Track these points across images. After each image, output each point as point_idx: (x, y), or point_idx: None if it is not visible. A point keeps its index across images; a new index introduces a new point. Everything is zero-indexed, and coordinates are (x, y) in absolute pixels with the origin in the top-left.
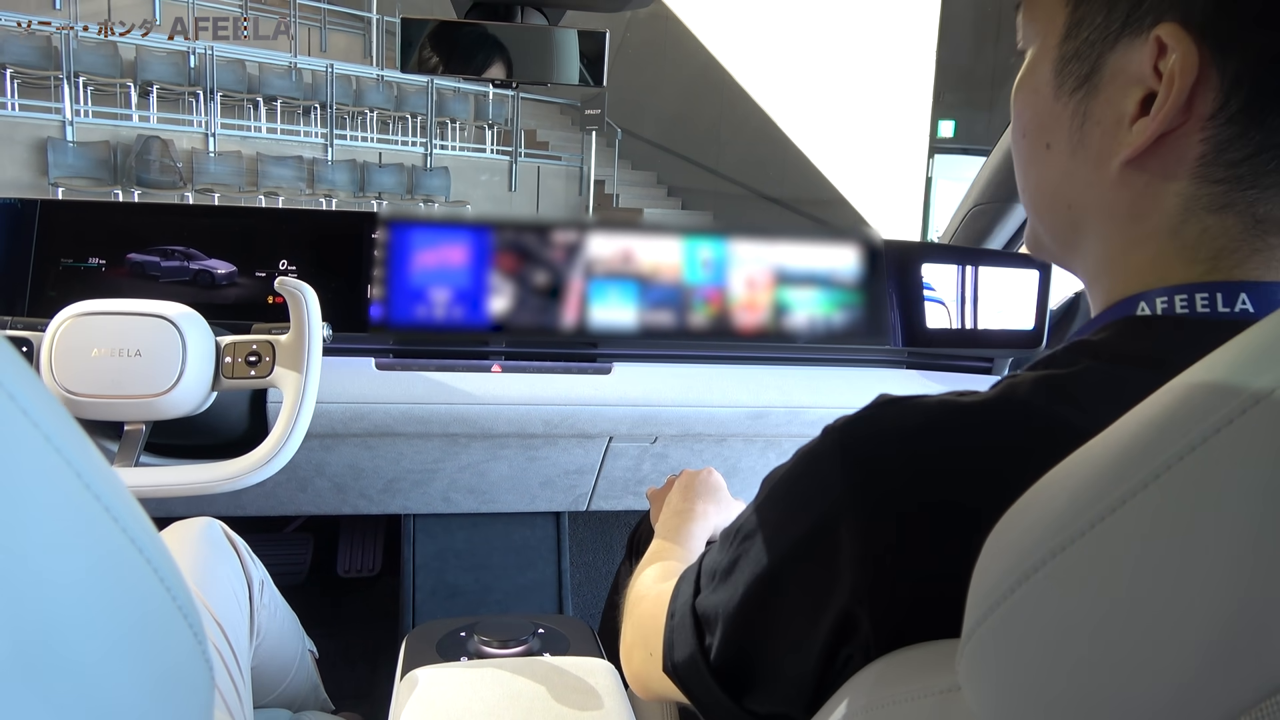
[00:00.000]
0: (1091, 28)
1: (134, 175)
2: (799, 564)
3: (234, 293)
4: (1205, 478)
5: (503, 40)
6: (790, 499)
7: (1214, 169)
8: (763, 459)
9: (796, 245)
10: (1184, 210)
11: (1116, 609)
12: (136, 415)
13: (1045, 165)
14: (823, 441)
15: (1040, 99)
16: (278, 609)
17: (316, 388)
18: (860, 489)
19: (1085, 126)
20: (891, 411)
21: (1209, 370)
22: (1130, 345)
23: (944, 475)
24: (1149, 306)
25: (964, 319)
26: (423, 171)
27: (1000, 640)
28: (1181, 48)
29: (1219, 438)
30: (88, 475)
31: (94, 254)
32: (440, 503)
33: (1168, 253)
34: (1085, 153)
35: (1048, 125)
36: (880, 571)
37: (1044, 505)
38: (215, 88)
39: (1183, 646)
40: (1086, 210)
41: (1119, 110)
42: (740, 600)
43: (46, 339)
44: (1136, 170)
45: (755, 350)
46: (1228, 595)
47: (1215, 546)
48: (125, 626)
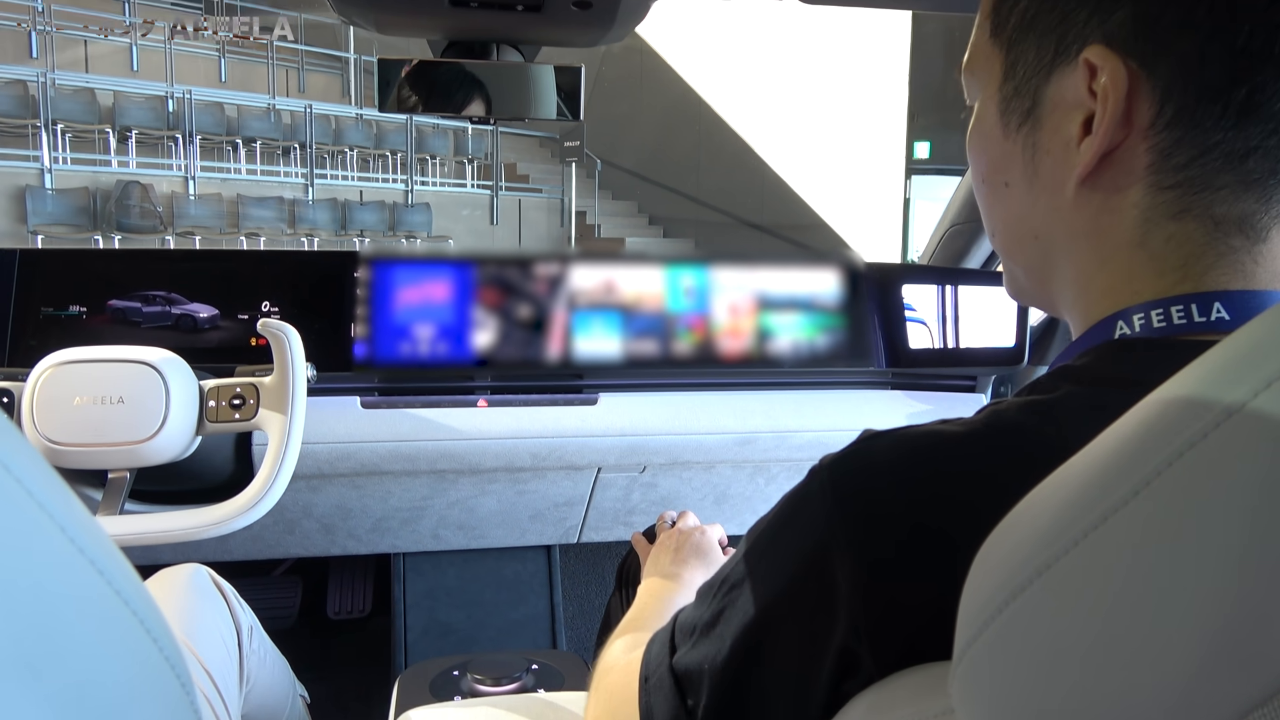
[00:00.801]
0: (1026, 65)
1: (114, 220)
2: (793, 605)
3: (217, 336)
4: (1185, 491)
5: (480, 78)
6: (780, 542)
7: (1163, 175)
8: (751, 484)
9: (777, 270)
10: (1144, 221)
11: (1105, 622)
12: (120, 463)
13: (1008, 203)
14: (810, 481)
15: (991, 141)
16: (267, 654)
17: (302, 429)
18: (852, 521)
19: (1036, 158)
20: (879, 444)
21: (1183, 385)
22: (1111, 368)
23: (936, 502)
24: (1127, 325)
25: (946, 338)
26: (404, 208)
27: (992, 659)
28: (1109, 65)
29: (1195, 452)
30: (71, 528)
31: (74, 301)
32: (430, 540)
33: (1137, 265)
34: (1041, 182)
35: (1002, 164)
36: (878, 604)
37: (1029, 523)
38: (194, 131)
39: (1172, 658)
40: (1053, 237)
41: (1065, 136)
42: (729, 652)
43: (28, 389)
44: (1091, 189)
45: (740, 376)
46: (1212, 607)
47: (1198, 559)
48: (111, 679)
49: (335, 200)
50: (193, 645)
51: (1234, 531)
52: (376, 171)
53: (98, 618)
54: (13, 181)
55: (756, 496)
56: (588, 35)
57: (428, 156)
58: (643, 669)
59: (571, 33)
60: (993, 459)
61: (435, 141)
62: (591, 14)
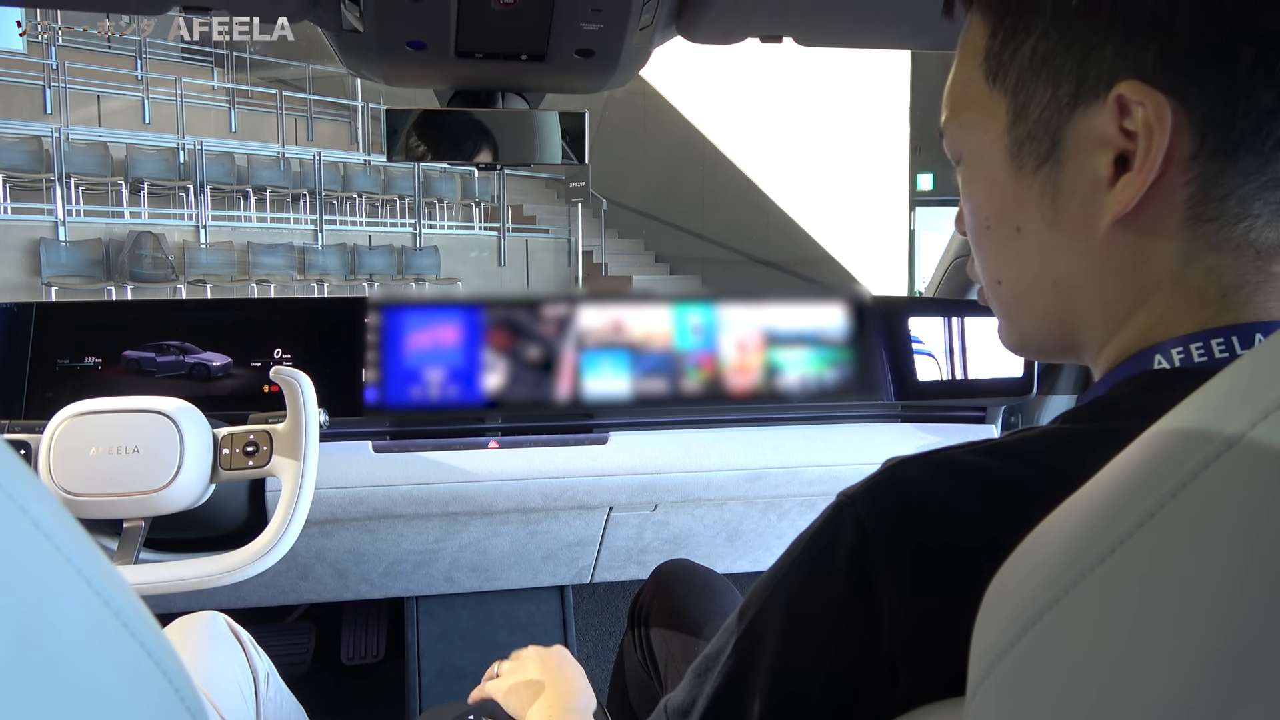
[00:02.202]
0: (1041, 106)
1: (127, 271)
2: (831, 635)
3: (230, 384)
4: (1188, 522)
5: (486, 125)
6: (811, 570)
7: (1205, 208)
8: (764, 520)
9: (784, 306)
10: (1184, 255)
11: (1115, 655)
12: (136, 512)
13: (1020, 249)
14: (838, 506)
15: (999, 186)
16: (284, 701)
17: (315, 474)
18: (891, 542)
19: (1058, 200)
20: (909, 468)
21: (1184, 416)
22: (1145, 400)
23: (966, 525)
24: (1165, 359)
25: (954, 370)
26: (413, 251)
27: (1005, 695)
28: (1149, 100)
29: (1196, 483)
30: (90, 574)
31: (90, 353)
32: (443, 583)
33: (1175, 301)
34: (1064, 224)
35: (1014, 210)
36: (919, 624)
37: (1037, 556)
38: (205, 181)
39: (1180, 688)
40: (1076, 282)
41: (1092, 176)
42: (763, 706)
43: (45, 440)
44: (1125, 228)
45: (750, 412)
46: (1217, 637)
47: (1203, 590)
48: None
49: (344, 245)
50: (210, 693)
51: (1237, 561)
52: (385, 216)
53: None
54: (27, 235)
55: (769, 533)
56: (590, 82)
57: (435, 200)
58: None
59: (575, 80)
60: (1020, 484)
61: (442, 185)
62: (594, 62)
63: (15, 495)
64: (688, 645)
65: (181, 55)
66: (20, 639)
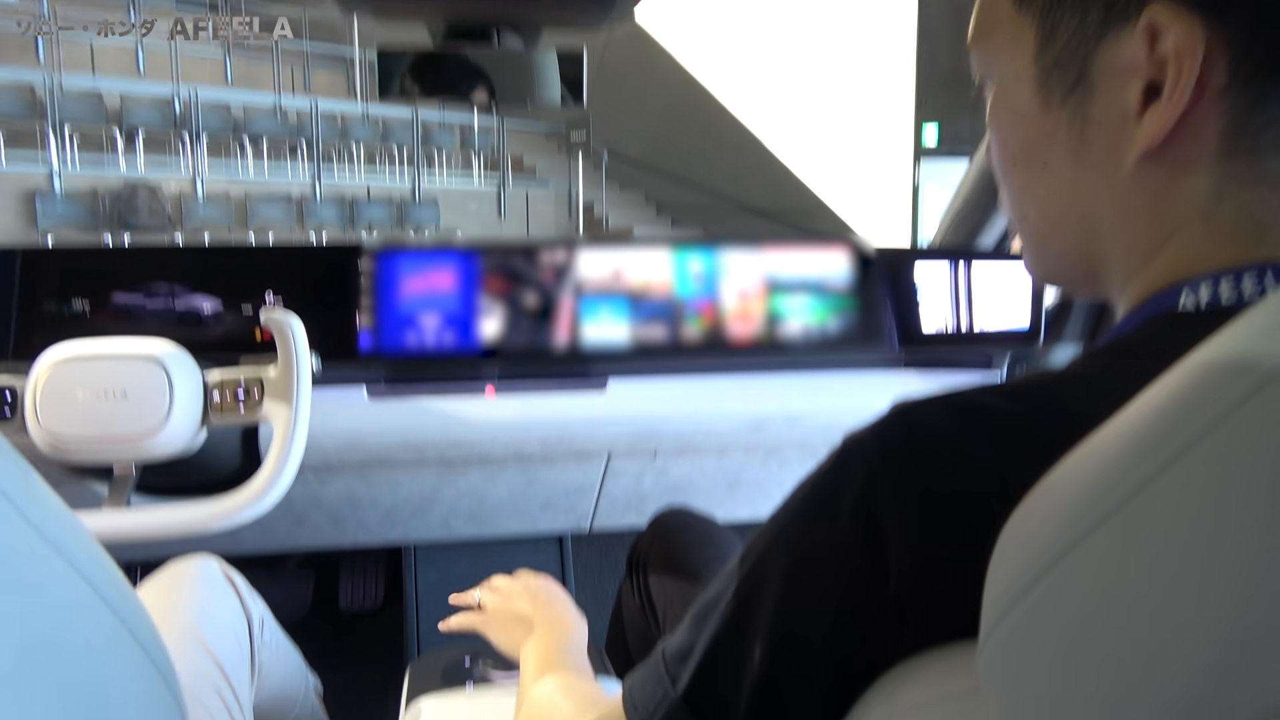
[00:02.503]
0: (1069, 32)
1: (123, 222)
2: (837, 578)
3: (221, 329)
4: (1225, 458)
5: (482, 66)
6: (816, 513)
7: (1239, 140)
8: (765, 469)
9: (787, 253)
10: (1216, 190)
11: (1140, 600)
12: (125, 456)
13: (1046, 184)
14: (844, 450)
15: (1025, 118)
16: (279, 645)
17: (307, 420)
18: (896, 480)
19: (1086, 132)
20: (917, 409)
21: (1224, 347)
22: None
23: (978, 468)
24: (1194, 293)
25: (959, 319)
26: (411, 203)
27: (1020, 639)
28: (1178, 25)
29: (1238, 415)
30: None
31: (78, 297)
32: (440, 531)
33: (1206, 238)
34: (1091, 158)
35: (1041, 143)
36: (927, 565)
37: (1058, 498)
38: (201, 131)
39: (1213, 634)
40: (1102, 217)
41: (1121, 106)
42: (765, 652)
43: (31, 384)
44: (1155, 162)
45: (751, 360)
46: (1256, 582)
47: (1240, 532)
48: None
49: (343, 197)
50: (203, 636)
51: (1269, 506)
52: (383, 167)
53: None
54: (22, 185)
55: (770, 481)
56: (589, 16)
57: (434, 151)
58: (632, 718)
59: (572, 13)
60: (1033, 426)
61: (441, 136)
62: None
63: None
64: (686, 592)
65: (176, 7)
66: None
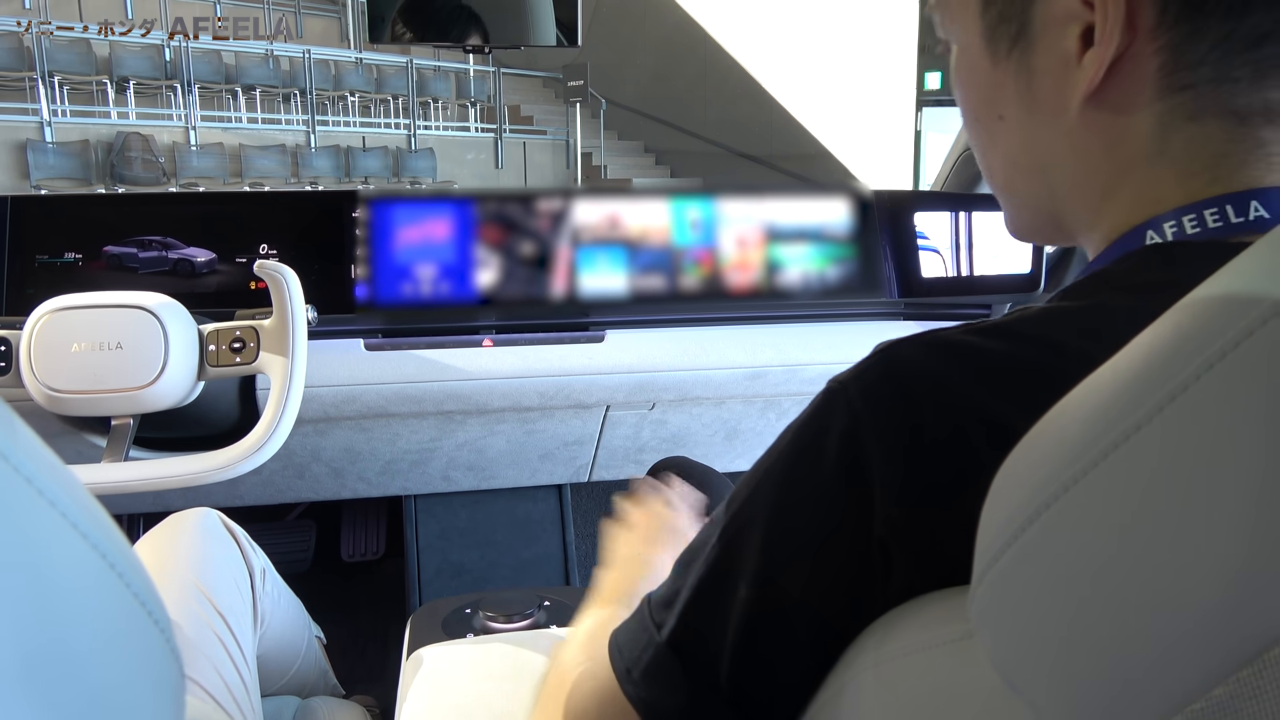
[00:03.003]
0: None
1: (116, 173)
2: (823, 521)
3: (215, 280)
4: (1226, 395)
5: (475, 7)
6: (799, 454)
7: (1177, 75)
8: (763, 419)
9: (786, 201)
10: (1161, 127)
11: (1136, 541)
12: (122, 409)
13: (1005, 137)
14: (827, 393)
15: (979, 74)
16: (281, 596)
17: (304, 371)
18: (880, 420)
19: (1033, 82)
20: (900, 349)
21: (1223, 283)
22: (1147, 274)
23: (965, 407)
24: (1158, 234)
25: (959, 266)
26: (407, 153)
27: (1014, 580)
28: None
29: (1238, 352)
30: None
31: (70, 249)
32: (440, 482)
33: (1160, 175)
34: (1040, 107)
35: (995, 97)
36: (910, 502)
37: (1054, 437)
38: (192, 80)
39: (1208, 579)
40: (1059, 164)
41: (1061, 53)
42: (748, 596)
43: (25, 336)
44: (1098, 105)
45: (749, 310)
46: (1253, 518)
47: (1238, 469)
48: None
49: (338, 147)
50: (205, 588)
51: (1269, 443)
52: (378, 117)
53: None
54: (13, 136)
55: (768, 431)
56: None
57: (430, 100)
58: (618, 664)
59: None
60: (1019, 361)
61: (437, 84)
62: None
63: None
64: None
65: None
66: None
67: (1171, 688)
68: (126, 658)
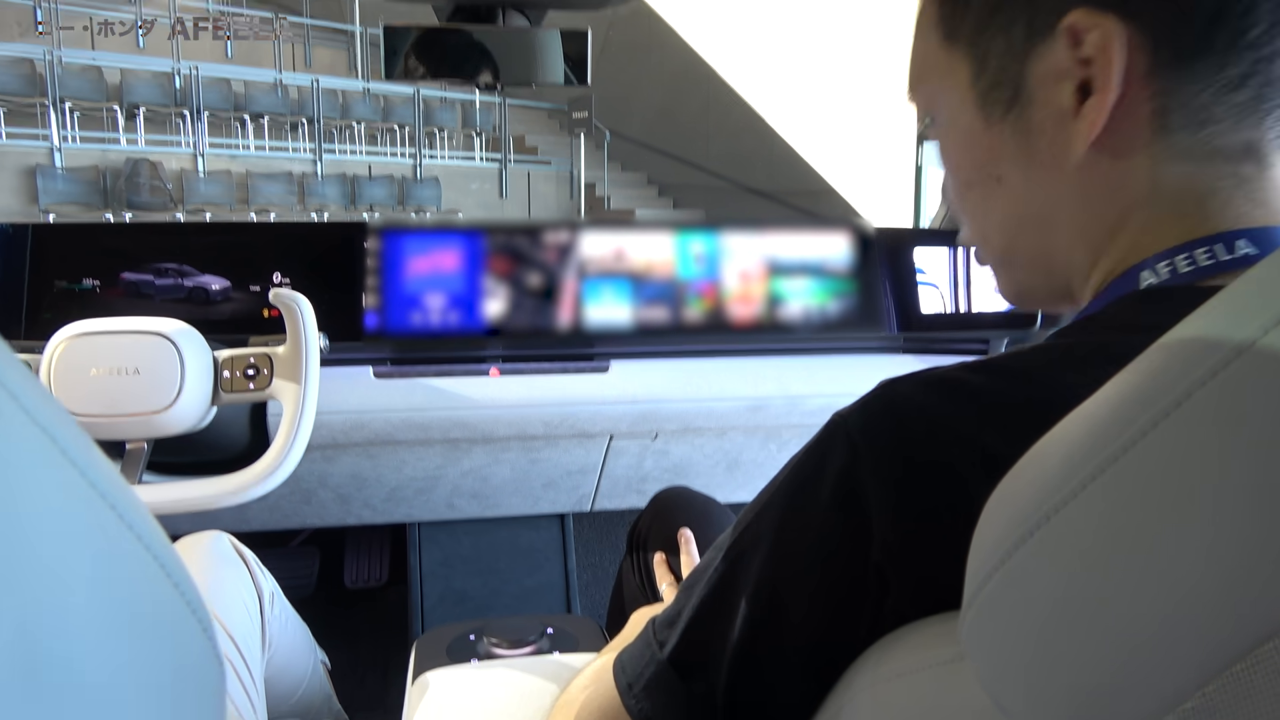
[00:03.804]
0: (998, 55)
1: (124, 198)
2: (821, 547)
3: (229, 307)
4: (1194, 432)
5: (486, 45)
6: (801, 486)
7: (1169, 118)
8: (764, 450)
9: (788, 236)
10: (1155, 170)
11: (1115, 566)
12: (138, 433)
13: (1004, 198)
14: (830, 427)
15: (973, 140)
16: (289, 620)
17: (316, 398)
18: (879, 455)
19: (1030, 139)
20: (901, 387)
21: (1192, 326)
22: (1139, 316)
23: (959, 442)
24: (1153, 274)
25: (958, 302)
26: (413, 182)
27: (1001, 605)
28: (1099, 24)
29: (1204, 391)
30: (91, 473)
31: (88, 275)
32: (444, 509)
33: (1157, 216)
34: (1039, 162)
35: (989, 160)
36: (906, 534)
37: (1039, 467)
38: (201, 107)
39: (1182, 600)
40: (1059, 216)
41: (1058, 109)
42: (746, 617)
43: (44, 361)
44: (1098, 151)
45: (752, 342)
46: (1222, 547)
47: (1208, 500)
48: (133, 622)
49: (344, 175)
50: (215, 610)
51: (1245, 470)
52: (385, 145)
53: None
54: (23, 161)
55: (769, 463)
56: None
57: (436, 130)
58: (621, 680)
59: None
60: (1012, 399)
61: (443, 114)
62: None
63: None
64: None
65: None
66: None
67: (1152, 707)
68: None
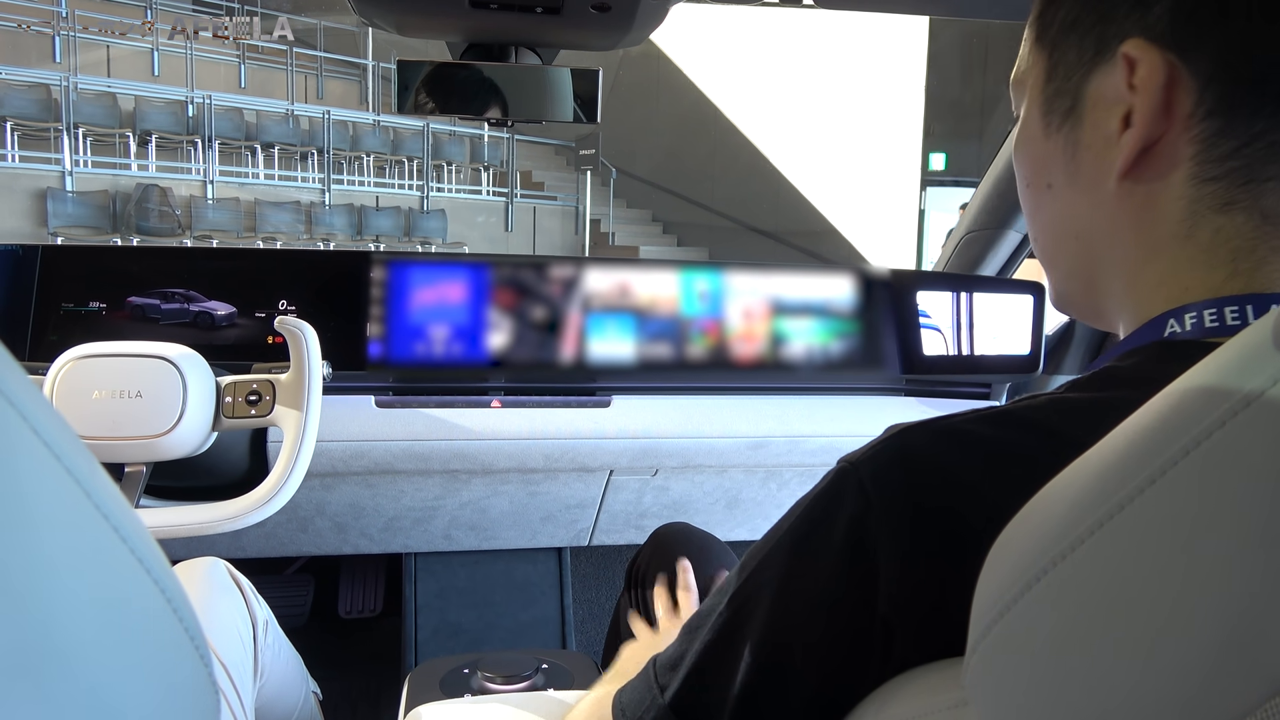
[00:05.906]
0: (1067, 65)
1: (133, 223)
2: (826, 596)
3: (234, 333)
4: (1201, 482)
5: (498, 81)
6: (810, 532)
7: (1208, 167)
8: (764, 489)
9: (792, 276)
10: (1190, 213)
11: (1118, 615)
12: (138, 456)
13: (1050, 205)
14: (839, 473)
15: (1034, 143)
16: (281, 649)
17: (317, 426)
18: (889, 503)
19: (1078, 155)
20: (911, 434)
21: (1202, 375)
22: (1157, 372)
23: (968, 492)
24: (1179, 325)
25: (960, 345)
26: (420, 214)
27: (1004, 652)
28: (1147, 57)
29: (1212, 441)
30: (96, 495)
31: (94, 298)
32: (441, 541)
33: (1185, 259)
34: (1081, 180)
35: (1044, 166)
36: (913, 583)
37: (1044, 515)
38: (213, 135)
39: (1185, 651)
40: (1094, 236)
41: (1105, 131)
42: (751, 664)
43: (48, 382)
44: (1134, 182)
45: (754, 381)
46: (1227, 599)
47: (1213, 550)
48: (131, 646)
49: (352, 205)
50: (209, 637)
51: (1252, 520)
52: (393, 177)
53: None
54: (34, 184)
55: (768, 501)
56: (606, 38)
57: (444, 163)
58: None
59: (589, 36)
60: (1022, 451)
61: (451, 148)
62: (610, 17)
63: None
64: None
65: (192, 8)
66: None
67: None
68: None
